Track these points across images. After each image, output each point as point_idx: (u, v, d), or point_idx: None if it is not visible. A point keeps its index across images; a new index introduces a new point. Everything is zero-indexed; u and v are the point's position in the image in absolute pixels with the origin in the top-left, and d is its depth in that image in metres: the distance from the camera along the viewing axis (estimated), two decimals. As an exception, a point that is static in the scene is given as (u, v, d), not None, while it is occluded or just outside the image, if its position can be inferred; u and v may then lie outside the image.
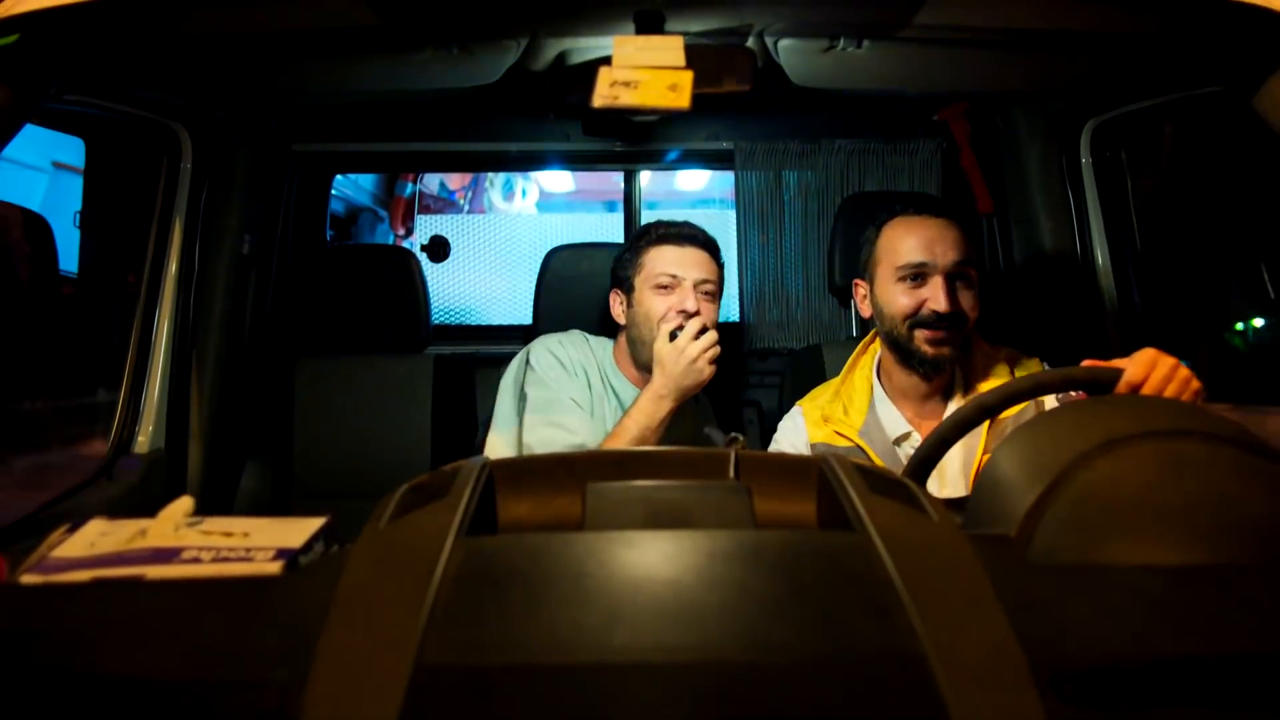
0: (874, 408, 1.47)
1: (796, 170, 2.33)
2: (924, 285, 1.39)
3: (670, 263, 1.56)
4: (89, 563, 0.56)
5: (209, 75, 1.51)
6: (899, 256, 1.41)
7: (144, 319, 1.75)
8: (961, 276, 1.40)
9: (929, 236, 1.40)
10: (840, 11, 1.31)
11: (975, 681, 0.41)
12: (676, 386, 1.44)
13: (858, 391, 1.50)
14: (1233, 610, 0.52)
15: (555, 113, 2.12)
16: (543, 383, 1.55)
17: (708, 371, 1.45)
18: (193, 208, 1.77)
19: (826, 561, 0.51)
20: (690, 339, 1.44)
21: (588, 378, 1.59)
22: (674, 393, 1.44)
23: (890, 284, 1.42)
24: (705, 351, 1.44)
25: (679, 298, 1.53)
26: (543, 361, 1.58)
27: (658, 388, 1.44)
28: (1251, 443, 0.64)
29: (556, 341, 1.63)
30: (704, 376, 1.45)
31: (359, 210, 4.08)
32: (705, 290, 1.56)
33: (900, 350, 1.42)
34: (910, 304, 1.39)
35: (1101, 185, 1.90)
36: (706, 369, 1.44)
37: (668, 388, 1.44)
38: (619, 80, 1.10)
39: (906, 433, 1.43)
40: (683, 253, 1.57)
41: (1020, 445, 0.70)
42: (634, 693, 0.42)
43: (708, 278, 1.56)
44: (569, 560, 0.51)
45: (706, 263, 1.58)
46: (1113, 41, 1.29)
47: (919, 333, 1.38)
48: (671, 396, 1.44)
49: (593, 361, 1.63)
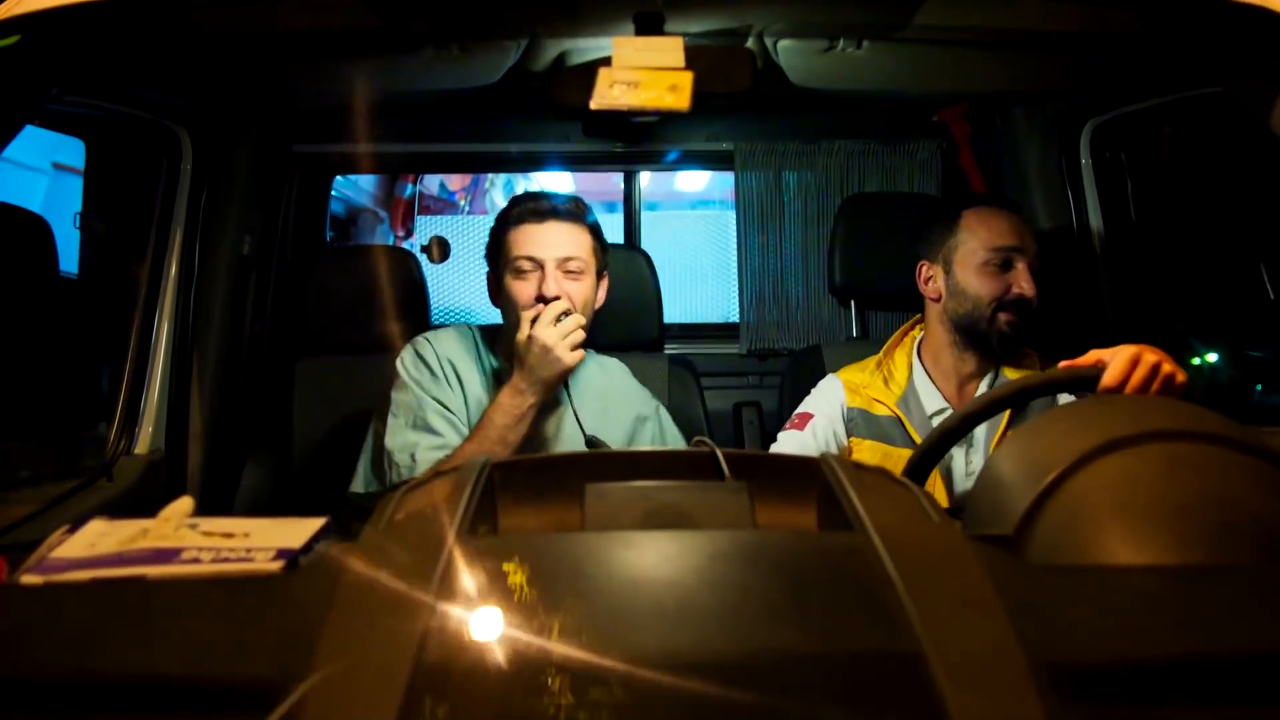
0: (913, 383, 1.55)
1: (796, 171, 2.33)
2: (1011, 271, 1.46)
3: (528, 244, 1.45)
4: (89, 563, 0.56)
5: (209, 75, 1.51)
6: (991, 240, 1.47)
7: (144, 319, 1.75)
8: (1034, 265, 1.47)
9: (1015, 225, 1.48)
10: (840, 12, 1.31)
11: (975, 681, 0.41)
12: (535, 379, 1.36)
13: (898, 368, 1.58)
14: (1232, 610, 0.52)
15: (555, 114, 2.12)
16: (405, 386, 1.48)
17: (569, 358, 1.36)
18: (193, 208, 1.77)
19: (826, 562, 0.51)
20: (546, 325, 1.35)
21: (459, 376, 1.50)
22: (533, 385, 1.36)
23: (974, 267, 1.48)
24: (565, 337, 1.35)
25: (538, 283, 1.43)
26: (407, 362, 1.50)
27: (516, 381, 1.37)
28: (1251, 443, 0.64)
29: (425, 340, 1.54)
30: (564, 365, 1.36)
31: (359, 211, 4.08)
32: (570, 268, 1.45)
33: (972, 332, 1.49)
34: (998, 287, 1.46)
35: (1101, 186, 1.90)
36: (567, 356, 1.35)
37: (526, 380, 1.36)
38: (619, 81, 1.10)
39: (943, 408, 1.51)
40: (542, 230, 1.45)
41: (1020, 445, 0.71)
42: (634, 693, 0.42)
43: (572, 254, 1.45)
44: (569, 560, 0.51)
45: (571, 236, 1.46)
46: (1113, 42, 1.29)
47: (1002, 315, 1.46)
48: (532, 390, 1.37)
49: (474, 357, 1.54)
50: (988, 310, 1.47)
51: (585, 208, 1.53)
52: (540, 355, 1.35)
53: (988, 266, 1.47)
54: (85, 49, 1.13)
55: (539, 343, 1.34)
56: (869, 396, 1.54)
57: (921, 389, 1.54)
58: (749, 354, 2.33)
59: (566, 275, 1.45)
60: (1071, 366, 1.07)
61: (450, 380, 1.50)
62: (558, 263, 1.44)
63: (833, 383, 1.59)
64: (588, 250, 1.48)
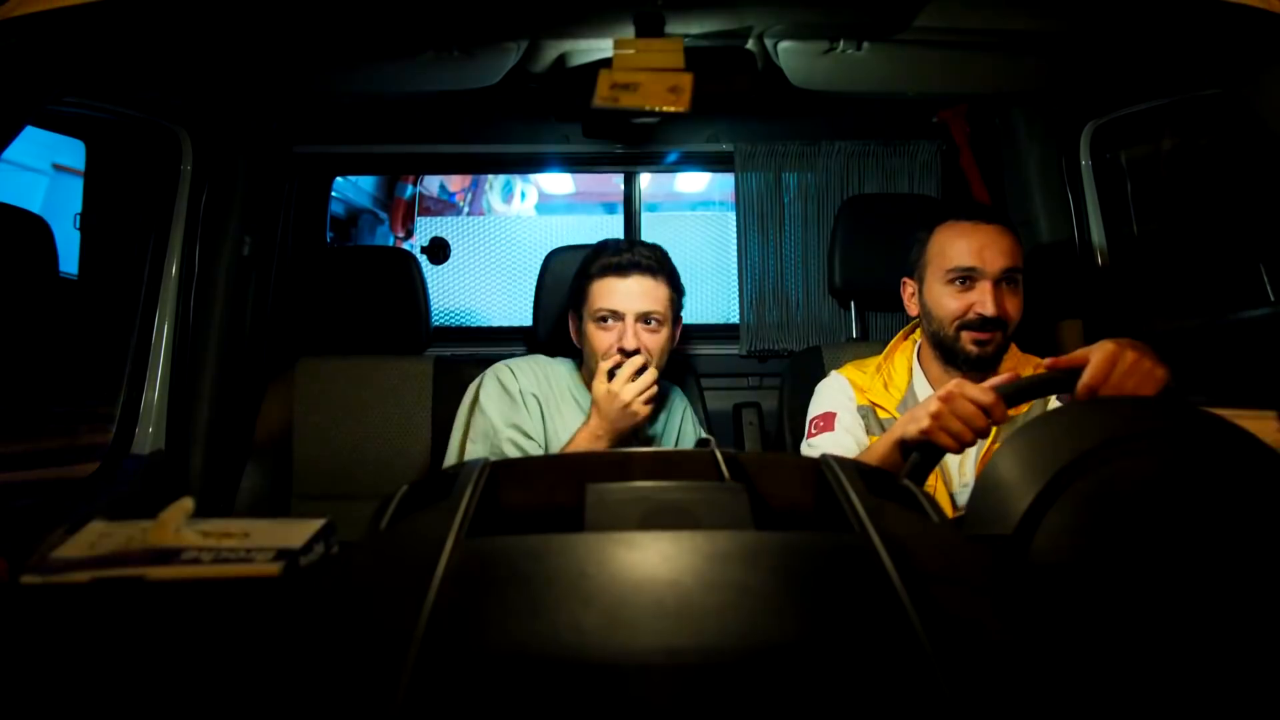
0: (912, 388, 1.54)
1: (796, 172, 2.33)
2: (972, 289, 1.43)
3: (611, 297, 1.52)
4: (89, 563, 0.56)
5: (209, 75, 1.51)
6: (949, 260, 1.45)
7: (144, 320, 1.75)
8: (1009, 282, 1.44)
9: (980, 242, 1.43)
10: (840, 14, 1.31)
11: (975, 682, 0.41)
12: (611, 428, 1.44)
13: (898, 371, 1.57)
14: (1231, 610, 0.52)
15: (555, 115, 2.13)
16: (484, 412, 1.55)
17: (643, 412, 1.45)
18: (193, 209, 1.77)
19: (826, 562, 0.51)
20: (625, 381, 1.43)
21: (541, 405, 1.58)
22: (609, 434, 1.45)
23: (939, 286, 1.46)
24: (641, 394, 1.44)
25: (619, 334, 1.51)
26: (489, 390, 1.57)
27: (594, 427, 1.46)
28: (1251, 442, 0.64)
29: (507, 369, 1.61)
30: (639, 418, 1.45)
31: (359, 212, 4.07)
32: (651, 321, 1.53)
33: (945, 349, 1.48)
34: (958, 307, 1.44)
35: (1101, 187, 1.90)
36: (641, 409, 1.44)
37: (603, 428, 1.45)
38: (619, 82, 1.10)
39: None
40: (625, 284, 1.53)
41: (1019, 446, 0.71)
42: (634, 693, 0.42)
43: (652, 309, 1.53)
44: (569, 561, 0.51)
45: (652, 291, 1.54)
46: (1112, 43, 1.29)
47: (965, 334, 1.44)
48: (607, 437, 1.45)
49: (551, 386, 1.62)
50: (951, 330, 1.45)
51: (665, 258, 1.59)
52: (618, 409, 1.43)
53: (949, 286, 1.44)
54: (85, 50, 1.13)
55: (619, 399, 1.43)
56: (870, 399, 1.54)
57: (921, 394, 1.52)
58: (749, 355, 2.34)
59: (645, 329, 1.52)
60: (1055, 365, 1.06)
61: (530, 408, 1.57)
62: (637, 316, 1.52)
63: (839, 380, 1.59)
64: (665, 303, 1.56)
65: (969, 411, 1.04)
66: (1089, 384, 1.01)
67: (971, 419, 1.04)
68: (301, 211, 2.32)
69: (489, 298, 3.01)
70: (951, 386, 1.07)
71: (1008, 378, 1.10)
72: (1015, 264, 1.44)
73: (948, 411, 1.05)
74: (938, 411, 1.05)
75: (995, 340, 1.43)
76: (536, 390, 1.59)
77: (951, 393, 1.06)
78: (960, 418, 1.05)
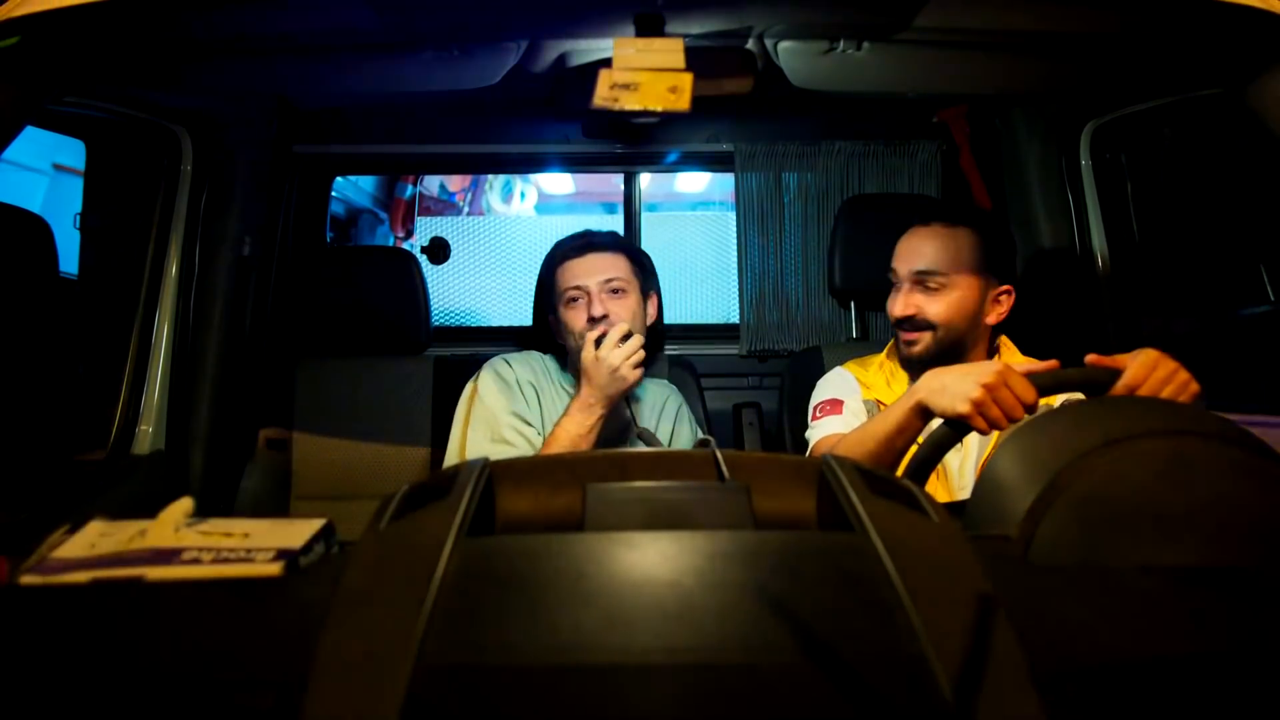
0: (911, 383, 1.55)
1: (796, 172, 2.33)
2: (897, 291, 1.51)
3: (572, 276, 1.59)
4: (89, 563, 0.56)
5: (209, 76, 1.51)
6: (890, 264, 1.53)
7: (144, 320, 1.75)
8: (920, 284, 1.48)
9: (908, 246, 1.51)
10: (840, 13, 1.31)
11: (975, 682, 0.41)
12: (602, 395, 1.46)
13: (899, 369, 1.59)
14: (1233, 611, 0.52)
15: (555, 115, 2.12)
16: (484, 402, 1.59)
17: (632, 376, 1.46)
18: (193, 209, 1.77)
19: (826, 562, 0.51)
20: (611, 347, 1.46)
21: (538, 394, 1.63)
22: (601, 401, 1.47)
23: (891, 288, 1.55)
24: (628, 358, 1.46)
25: (587, 306, 1.56)
26: (487, 381, 1.61)
27: (585, 397, 1.47)
28: (1252, 443, 0.64)
29: (504, 361, 1.67)
30: (629, 382, 1.47)
31: (359, 212, 4.07)
32: (613, 288, 1.58)
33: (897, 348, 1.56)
34: (890, 307, 1.53)
35: (1101, 187, 1.90)
36: (630, 374, 1.46)
37: (595, 396, 1.47)
38: (619, 82, 1.10)
39: None
40: (583, 261, 1.60)
41: (1020, 445, 0.70)
42: (634, 694, 0.42)
43: (612, 275, 1.58)
44: (569, 561, 0.51)
45: (609, 262, 1.60)
46: (1112, 43, 1.29)
47: (900, 333, 1.52)
48: (600, 404, 1.47)
49: (544, 378, 1.67)
50: (895, 330, 1.52)
51: (620, 238, 1.69)
52: (607, 375, 1.45)
53: (892, 288, 1.52)
54: (85, 50, 1.13)
55: (606, 363, 1.45)
56: (875, 396, 1.56)
57: None
58: (749, 355, 2.34)
59: (610, 295, 1.57)
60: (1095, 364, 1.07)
61: (528, 397, 1.62)
62: (600, 285, 1.57)
63: (845, 374, 1.61)
64: (626, 271, 1.61)
65: (1011, 403, 1.06)
66: (1130, 384, 1.02)
67: (1012, 410, 1.06)
68: (301, 211, 2.32)
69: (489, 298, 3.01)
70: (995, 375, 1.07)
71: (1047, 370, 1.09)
72: (933, 266, 1.46)
73: (990, 400, 1.06)
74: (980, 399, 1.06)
75: (924, 341, 1.47)
76: (533, 379, 1.64)
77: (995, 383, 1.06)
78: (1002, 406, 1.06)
